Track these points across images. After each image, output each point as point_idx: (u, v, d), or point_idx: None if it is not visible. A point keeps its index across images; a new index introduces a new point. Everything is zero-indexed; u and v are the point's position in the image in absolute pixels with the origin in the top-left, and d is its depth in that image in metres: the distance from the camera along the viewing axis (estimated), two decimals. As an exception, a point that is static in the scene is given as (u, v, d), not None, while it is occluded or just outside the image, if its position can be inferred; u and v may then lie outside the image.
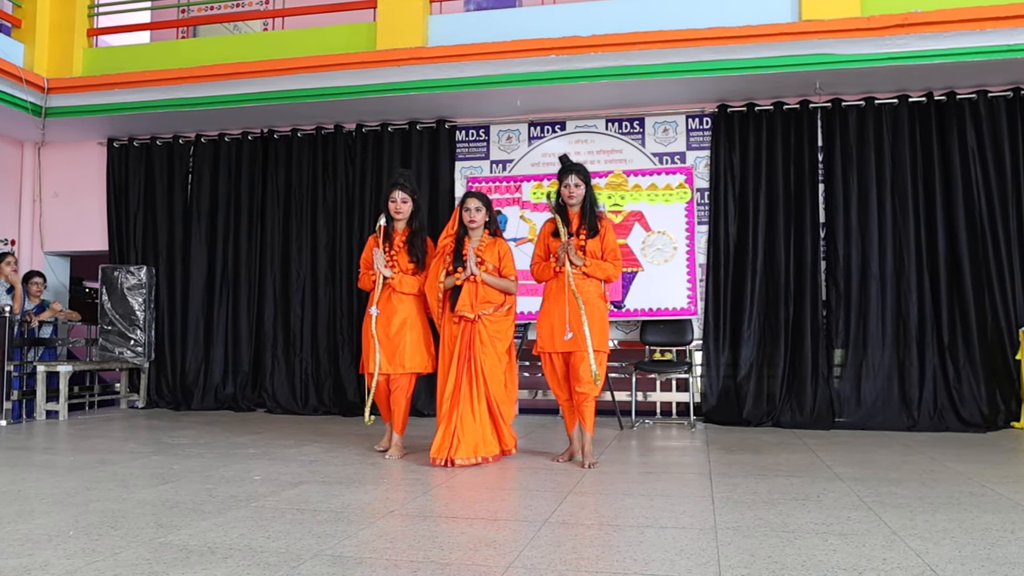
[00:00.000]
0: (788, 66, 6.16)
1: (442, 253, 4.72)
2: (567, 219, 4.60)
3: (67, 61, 7.46)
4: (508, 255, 4.71)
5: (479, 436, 4.45)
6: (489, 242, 4.69)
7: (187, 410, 7.49)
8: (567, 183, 4.57)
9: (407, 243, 4.80)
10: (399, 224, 4.84)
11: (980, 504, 3.33)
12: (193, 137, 7.97)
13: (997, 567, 2.40)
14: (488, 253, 4.64)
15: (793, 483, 3.84)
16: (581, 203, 4.59)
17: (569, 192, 4.57)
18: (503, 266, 4.66)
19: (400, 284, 4.73)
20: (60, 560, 2.47)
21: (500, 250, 4.69)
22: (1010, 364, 6.15)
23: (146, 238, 7.98)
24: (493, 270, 4.62)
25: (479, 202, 4.66)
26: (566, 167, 4.62)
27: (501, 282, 4.63)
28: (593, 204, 4.62)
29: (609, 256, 4.55)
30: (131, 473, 4.09)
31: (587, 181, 4.61)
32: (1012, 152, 6.37)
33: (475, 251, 4.60)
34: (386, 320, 4.72)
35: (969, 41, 5.86)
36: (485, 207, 4.68)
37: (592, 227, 4.55)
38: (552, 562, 2.46)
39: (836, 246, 6.55)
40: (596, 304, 4.51)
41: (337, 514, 3.12)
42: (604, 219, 4.67)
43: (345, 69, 6.72)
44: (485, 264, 4.60)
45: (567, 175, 4.58)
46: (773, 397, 6.50)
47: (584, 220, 4.56)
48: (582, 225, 4.56)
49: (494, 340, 4.59)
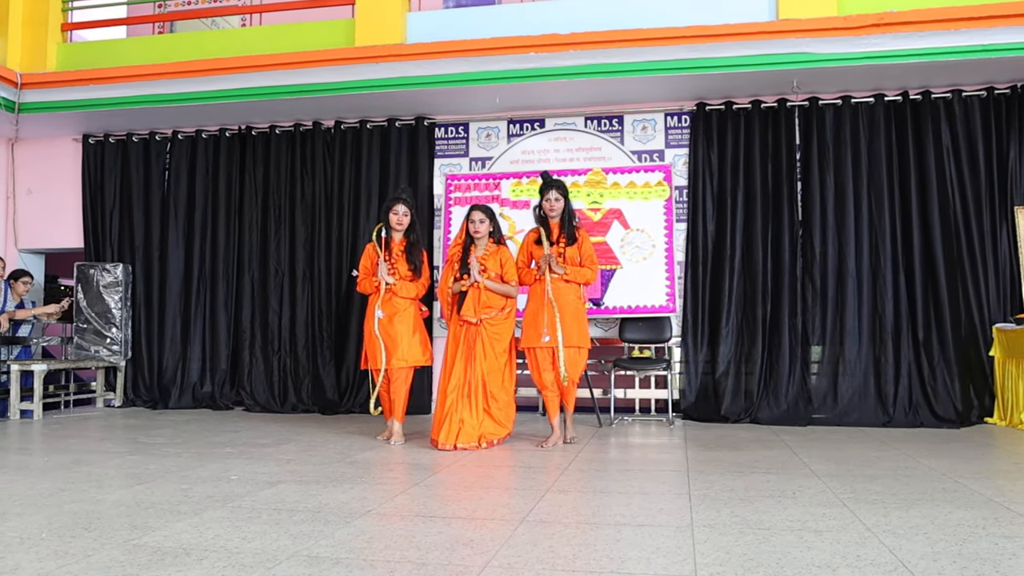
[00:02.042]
0: (766, 65, 6.20)
1: (451, 261, 5.28)
2: (548, 229, 5.13)
3: (41, 56, 7.36)
4: (510, 262, 5.20)
5: (477, 424, 4.98)
6: (493, 250, 5.20)
7: (164, 409, 7.43)
8: (548, 198, 5.09)
9: (406, 252, 5.30)
10: (397, 235, 5.33)
11: (953, 500, 3.37)
12: (170, 133, 7.89)
13: (968, 563, 2.43)
14: (491, 260, 5.14)
15: (770, 480, 3.87)
16: (561, 215, 5.11)
17: (550, 206, 5.10)
18: (505, 271, 5.16)
19: (400, 289, 5.23)
20: (32, 563, 2.45)
21: (502, 257, 5.19)
22: (983, 360, 6.23)
23: (122, 235, 7.90)
24: (496, 276, 5.12)
25: (483, 214, 5.15)
26: (547, 183, 5.13)
27: (502, 287, 5.13)
28: (571, 216, 5.15)
29: (587, 262, 5.11)
30: (106, 473, 4.06)
31: (566, 195, 5.12)
32: (986, 151, 6.45)
33: (479, 259, 5.11)
34: (387, 320, 5.22)
35: (944, 41, 5.92)
36: (489, 219, 5.17)
37: (571, 236, 5.09)
38: (529, 561, 2.47)
39: (813, 244, 6.60)
40: (575, 305, 5.09)
41: (314, 514, 3.11)
42: (581, 228, 5.23)
43: (323, 66, 6.69)
44: (488, 271, 5.09)
45: (548, 190, 5.09)
46: (751, 394, 6.55)
47: (564, 230, 5.11)
48: (562, 234, 5.10)
49: (494, 341, 5.09)
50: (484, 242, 5.20)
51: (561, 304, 4.97)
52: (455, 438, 4.88)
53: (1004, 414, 6.03)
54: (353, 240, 7.37)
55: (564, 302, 4.99)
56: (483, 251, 5.18)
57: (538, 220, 5.20)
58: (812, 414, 6.37)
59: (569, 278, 5.02)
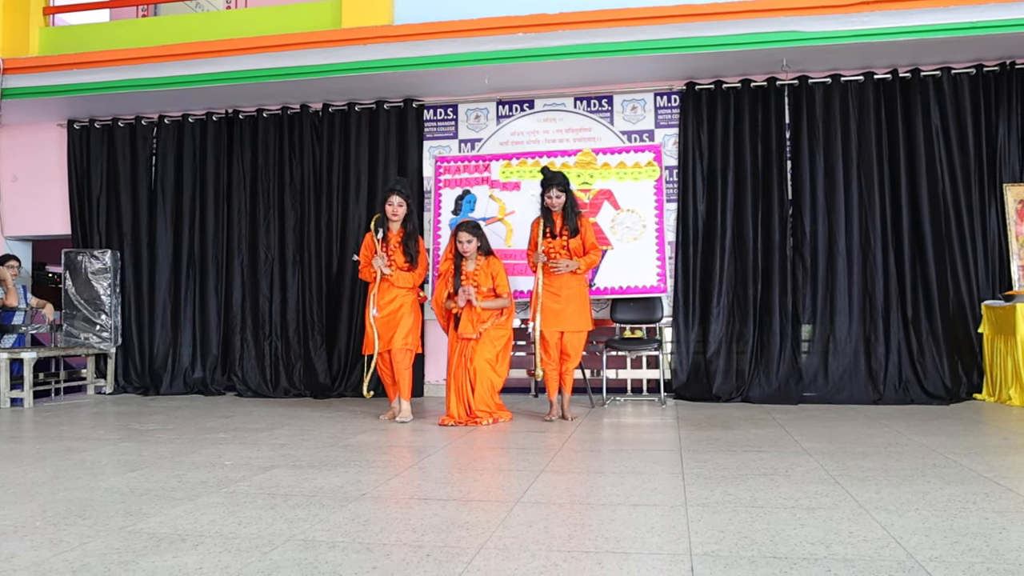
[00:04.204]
0: (755, 43, 6.18)
1: (444, 276, 5.50)
2: (551, 221, 5.39)
3: (23, 40, 7.27)
4: (501, 274, 5.45)
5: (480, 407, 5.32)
6: (483, 263, 5.44)
7: (156, 395, 7.41)
8: (549, 195, 5.34)
9: (402, 244, 5.45)
10: (394, 225, 5.48)
11: (943, 476, 3.40)
12: (156, 118, 7.82)
13: (960, 537, 2.46)
14: (483, 275, 5.39)
15: (762, 458, 3.90)
16: (563, 208, 5.36)
17: (551, 202, 5.36)
18: (497, 285, 5.42)
19: (397, 279, 5.41)
20: (27, 551, 2.44)
21: (493, 271, 5.43)
22: (972, 337, 6.28)
23: (110, 221, 7.84)
24: (489, 291, 5.38)
25: (469, 234, 5.40)
26: (547, 179, 5.36)
27: (496, 303, 5.40)
28: (574, 207, 5.41)
29: (590, 248, 5.40)
30: (99, 460, 4.04)
31: (567, 189, 5.36)
32: (975, 129, 6.46)
33: (471, 275, 5.37)
34: (385, 305, 5.43)
35: (933, 18, 5.92)
36: (476, 236, 5.41)
37: (573, 228, 5.35)
38: (525, 542, 2.48)
39: (803, 223, 6.61)
40: (577, 290, 5.42)
41: (309, 498, 3.11)
42: (583, 216, 5.48)
43: (310, 48, 6.64)
44: (480, 288, 5.34)
45: (549, 187, 5.33)
46: (742, 373, 6.58)
47: (567, 222, 5.36)
48: (564, 226, 5.36)
49: (494, 340, 5.37)
50: (474, 257, 5.45)
51: (565, 293, 5.34)
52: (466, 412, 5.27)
53: (993, 390, 6.09)
54: (342, 223, 7.34)
55: (567, 289, 5.35)
56: (474, 265, 5.43)
57: (542, 211, 5.45)
58: (803, 392, 6.40)
59: (581, 272, 5.38)
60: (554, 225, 5.38)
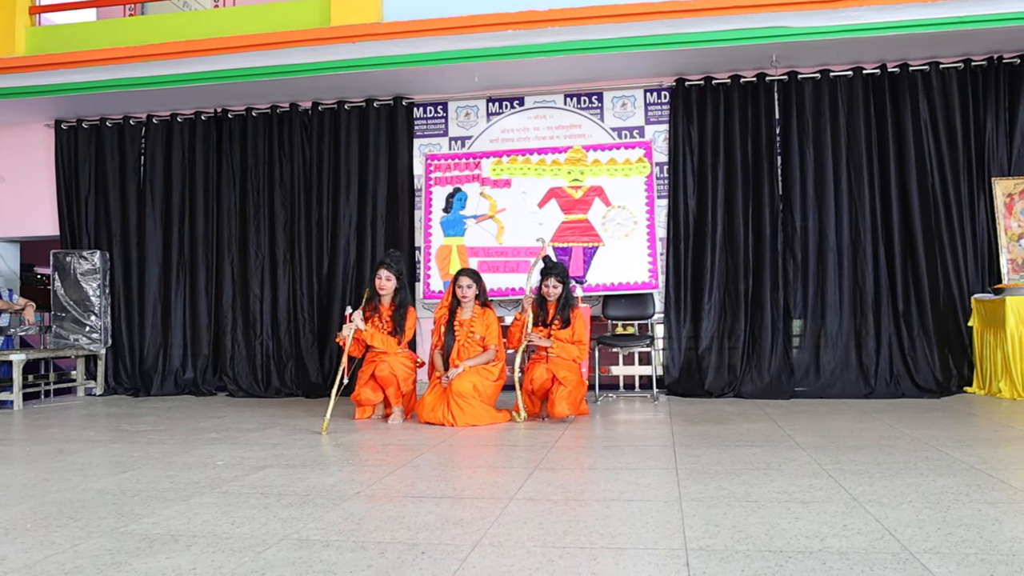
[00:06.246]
0: (744, 39, 6.18)
1: (438, 324, 5.53)
2: (545, 309, 5.48)
3: (9, 40, 7.21)
4: (493, 326, 5.47)
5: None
6: (479, 312, 5.46)
7: (146, 396, 7.37)
8: (547, 283, 5.44)
9: (392, 319, 5.39)
10: (385, 299, 5.45)
11: (936, 468, 3.41)
12: (144, 117, 7.78)
13: (953, 529, 2.47)
14: (478, 324, 5.42)
15: (755, 453, 3.90)
16: (558, 298, 5.45)
17: (548, 291, 5.45)
18: (488, 335, 5.43)
19: (371, 338, 5.25)
20: (18, 554, 2.42)
21: (487, 321, 5.45)
22: (962, 331, 6.31)
23: (99, 222, 7.79)
24: (480, 339, 5.39)
25: (470, 279, 5.45)
26: (547, 268, 5.48)
27: (482, 359, 5.35)
28: (568, 299, 5.47)
29: (576, 342, 5.40)
30: (90, 462, 4.02)
31: (564, 281, 5.47)
32: (963, 123, 6.49)
33: (466, 323, 5.40)
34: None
35: (921, 13, 5.93)
36: (476, 283, 5.46)
37: (565, 320, 5.42)
38: (519, 538, 2.47)
39: (794, 218, 6.62)
40: (570, 367, 5.31)
41: (302, 497, 3.10)
42: (576, 309, 5.51)
43: (298, 46, 6.60)
44: (473, 335, 5.38)
45: (547, 276, 5.45)
46: (734, 368, 6.59)
47: (559, 312, 5.44)
48: (557, 316, 5.44)
49: (480, 373, 5.25)
50: (471, 305, 5.48)
51: (560, 362, 5.28)
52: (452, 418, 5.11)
53: (983, 383, 6.11)
54: (333, 222, 7.31)
55: (561, 360, 5.31)
56: (470, 313, 5.46)
57: (537, 298, 5.53)
58: (795, 387, 6.42)
59: (558, 354, 5.31)
60: (547, 314, 5.45)
